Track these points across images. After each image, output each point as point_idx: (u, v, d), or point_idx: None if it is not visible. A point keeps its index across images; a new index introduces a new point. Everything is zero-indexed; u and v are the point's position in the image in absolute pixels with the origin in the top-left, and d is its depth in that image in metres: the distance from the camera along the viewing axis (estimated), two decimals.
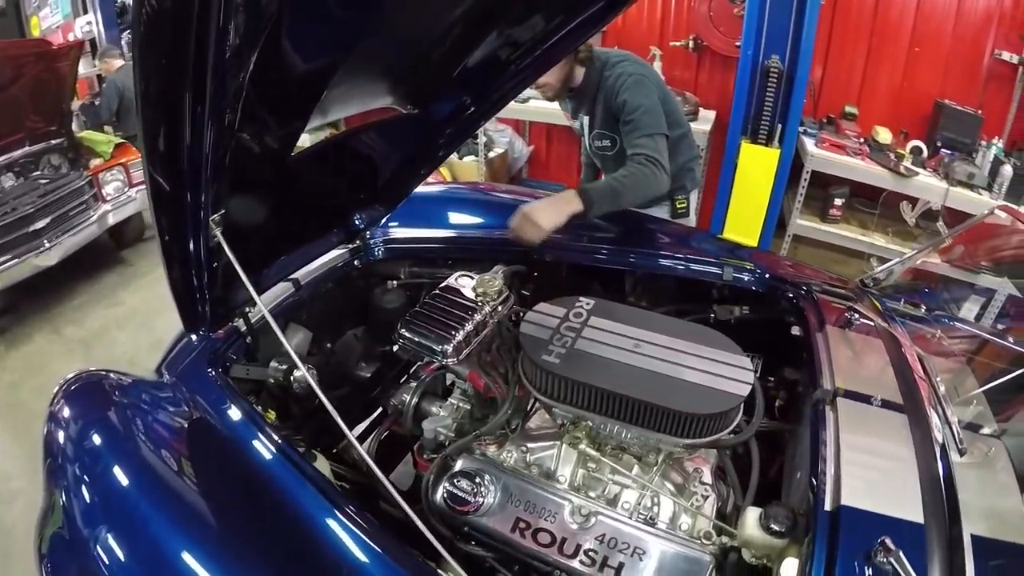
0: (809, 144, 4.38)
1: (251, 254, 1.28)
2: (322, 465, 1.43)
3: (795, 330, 1.70)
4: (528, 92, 4.95)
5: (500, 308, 1.60)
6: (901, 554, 0.92)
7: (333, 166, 1.58)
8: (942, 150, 4.42)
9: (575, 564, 1.21)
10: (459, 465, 1.37)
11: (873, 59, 4.77)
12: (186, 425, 1.41)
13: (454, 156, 4.94)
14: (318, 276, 1.86)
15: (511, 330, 1.63)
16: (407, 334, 1.51)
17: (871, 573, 0.95)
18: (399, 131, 1.68)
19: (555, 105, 5.15)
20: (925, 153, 4.44)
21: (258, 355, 1.66)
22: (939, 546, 1.00)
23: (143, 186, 4.80)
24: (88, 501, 1.25)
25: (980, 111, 4.50)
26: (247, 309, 1.53)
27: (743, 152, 3.96)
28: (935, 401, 1.36)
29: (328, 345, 1.97)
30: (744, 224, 4.16)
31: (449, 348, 1.44)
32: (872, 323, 1.65)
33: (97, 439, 1.36)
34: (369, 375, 1.98)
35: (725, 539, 1.22)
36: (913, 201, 4.49)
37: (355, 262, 1.96)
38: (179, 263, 1.21)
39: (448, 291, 1.62)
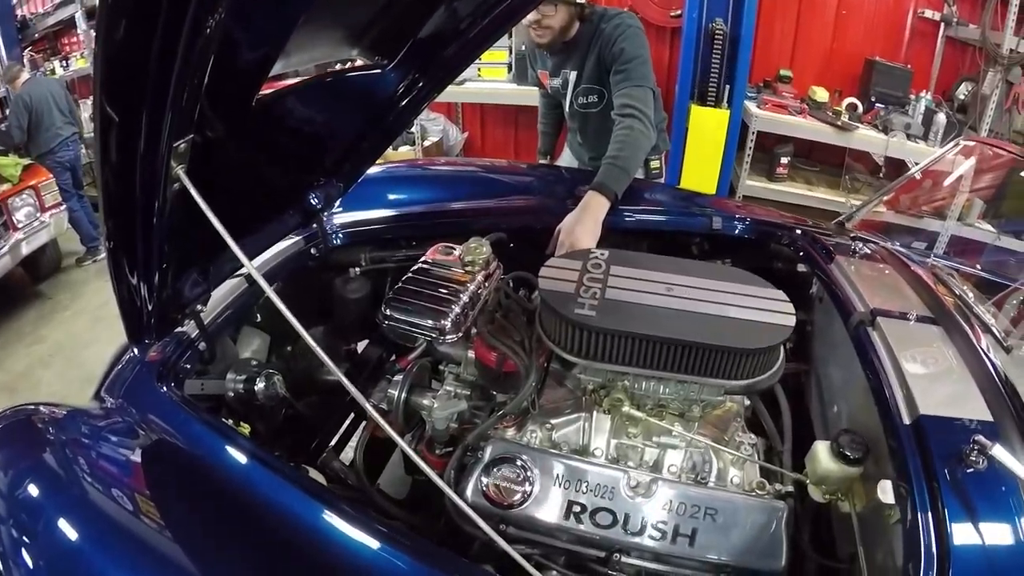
0: (752, 107, 4.47)
1: (201, 240, 1.10)
2: (316, 478, 1.25)
3: (801, 267, 1.68)
4: (464, 74, 4.87)
5: (492, 276, 1.47)
6: (999, 447, 0.91)
7: (286, 131, 1.37)
8: (877, 105, 4.59)
9: (643, 540, 1.10)
10: (491, 452, 1.21)
11: (803, 22, 4.90)
12: (140, 454, 1.20)
13: (388, 148, 4.75)
14: (272, 269, 1.65)
15: (511, 296, 1.49)
16: (394, 314, 1.35)
17: (969, 473, 0.94)
18: (355, 95, 1.50)
19: (490, 86, 5.05)
20: (860, 109, 4.59)
21: (211, 367, 1.45)
22: (1017, 439, 1.01)
23: (56, 210, 4.47)
24: (32, 568, 1.02)
25: (909, 66, 4.67)
26: (199, 308, 1.32)
27: (693, 115, 3.98)
28: (964, 310, 1.39)
29: (288, 349, 1.76)
30: (699, 186, 4.19)
31: (447, 324, 1.29)
32: (874, 250, 1.68)
33: (34, 489, 1.12)
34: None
35: (778, 486, 1.18)
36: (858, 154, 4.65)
37: (311, 250, 1.76)
38: (126, 235, 0.99)
39: (432, 264, 1.47)
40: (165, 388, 1.28)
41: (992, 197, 2.36)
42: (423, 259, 1.50)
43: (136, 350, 1.38)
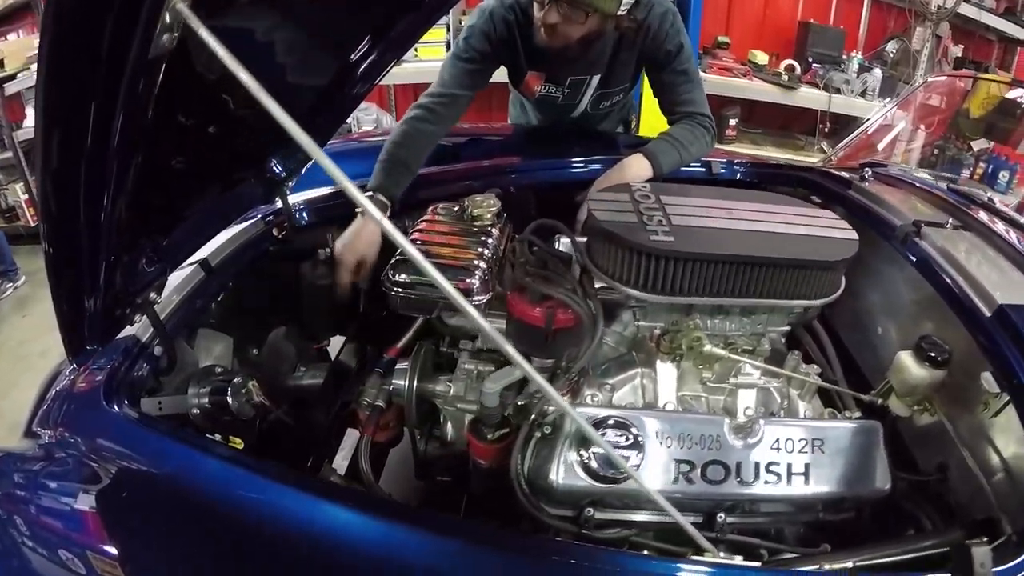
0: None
1: (152, 217, 0.85)
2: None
3: (814, 199, 1.67)
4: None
5: (505, 232, 1.32)
6: None
7: (259, 56, 1.06)
8: (814, 65, 4.67)
9: (758, 488, 1.02)
10: (572, 420, 1.03)
11: None
12: (96, 495, 0.91)
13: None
14: (232, 254, 1.38)
15: (539, 245, 1.30)
16: (405, 278, 1.15)
17: None
18: (335, 27, 1.23)
19: (429, 65, 4.74)
20: (799, 70, 4.67)
21: (166, 380, 1.19)
22: None
23: None
24: None
25: (842, 27, 4.82)
26: (153, 297, 1.06)
27: (645, 81, 3.88)
28: (992, 215, 1.45)
29: (254, 351, 1.51)
30: None
31: (475, 282, 1.11)
32: (883, 175, 1.71)
33: None
34: (320, 381, 1.53)
35: (847, 412, 1.18)
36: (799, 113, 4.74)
37: (274, 232, 1.50)
38: (67, 175, 0.71)
39: (434, 224, 1.28)
40: (117, 407, 1.01)
41: (952, 119, 2.45)
42: (423, 218, 1.31)
43: (76, 364, 1.10)
